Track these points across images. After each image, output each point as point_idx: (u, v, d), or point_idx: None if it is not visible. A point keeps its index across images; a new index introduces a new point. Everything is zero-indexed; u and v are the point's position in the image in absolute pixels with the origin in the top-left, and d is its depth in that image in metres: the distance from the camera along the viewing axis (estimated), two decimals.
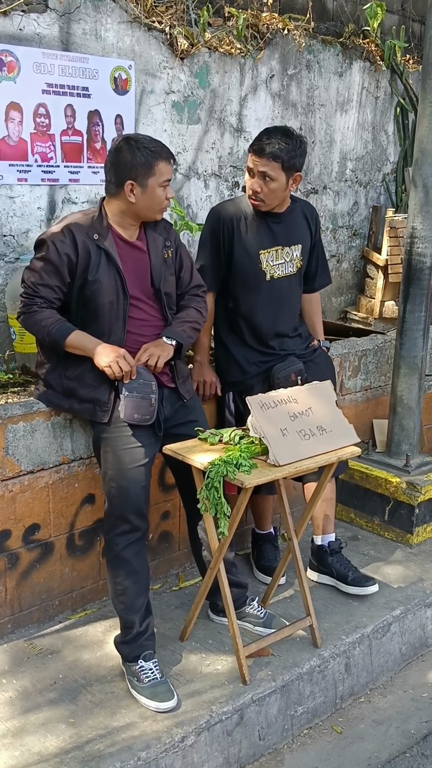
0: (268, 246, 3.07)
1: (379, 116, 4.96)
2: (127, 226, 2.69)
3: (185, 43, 3.72)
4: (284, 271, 3.11)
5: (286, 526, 2.91)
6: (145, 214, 2.66)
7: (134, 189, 2.58)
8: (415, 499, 3.71)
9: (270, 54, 4.19)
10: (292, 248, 3.11)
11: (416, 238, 3.71)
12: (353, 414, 4.04)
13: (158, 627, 2.96)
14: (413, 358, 3.81)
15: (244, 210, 3.08)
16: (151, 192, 2.59)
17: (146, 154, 2.56)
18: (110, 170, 2.61)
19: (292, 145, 2.90)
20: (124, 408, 2.59)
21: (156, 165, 2.57)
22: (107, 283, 2.61)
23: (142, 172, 2.56)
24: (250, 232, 3.05)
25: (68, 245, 2.58)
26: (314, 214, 3.25)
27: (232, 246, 3.05)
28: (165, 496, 3.26)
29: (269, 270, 3.08)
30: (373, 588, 3.20)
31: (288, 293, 3.16)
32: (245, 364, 3.16)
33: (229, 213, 3.09)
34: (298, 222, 3.15)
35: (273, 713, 2.68)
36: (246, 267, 3.06)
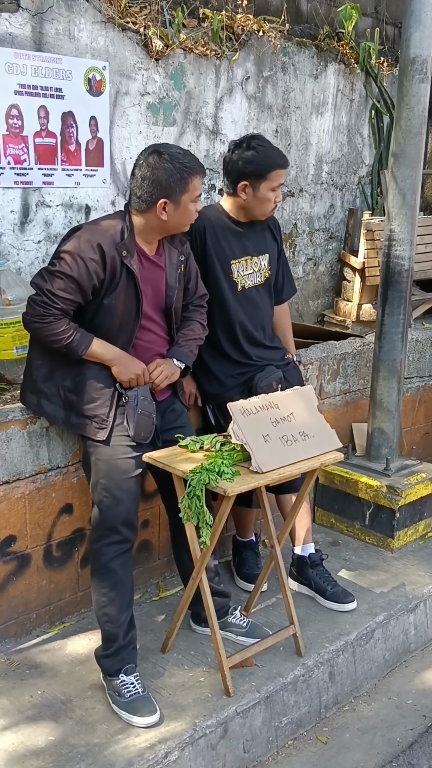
0: (239, 256, 3.04)
1: (354, 119, 4.95)
2: (151, 240, 2.62)
3: (160, 44, 3.67)
4: (254, 281, 3.09)
5: (268, 534, 2.87)
6: (174, 230, 2.61)
7: (167, 207, 2.49)
8: (395, 502, 3.69)
9: (245, 56, 4.15)
10: (260, 258, 3.09)
11: (394, 241, 3.70)
12: (332, 418, 4.01)
13: (139, 639, 2.89)
14: (392, 361, 3.79)
15: (213, 219, 3.04)
16: (183, 209, 2.52)
17: (181, 172, 2.47)
18: (141, 186, 2.49)
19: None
20: (134, 426, 2.54)
21: (191, 182, 2.50)
22: (124, 302, 2.54)
23: (176, 189, 2.47)
24: (221, 241, 3.03)
25: (99, 264, 2.47)
26: (277, 224, 3.22)
27: (205, 255, 3.01)
28: (145, 505, 3.20)
29: (240, 280, 3.05)
30: (350, 605, 3.16)
31: (260, 303, 3.12)
32: (223, 377, 3.12)
33: (200, 222, 3.04)
34: (263, 232, 3.13)
35: (257, 725, 2.63)
36: (218, 277, 3.03)
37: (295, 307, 4.79)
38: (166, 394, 2.76)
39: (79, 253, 2.45)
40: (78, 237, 2.49)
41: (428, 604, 3.37)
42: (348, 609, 3.15)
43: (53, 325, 2.47)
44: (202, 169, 2.55)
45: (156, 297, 2.65)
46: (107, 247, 2.47)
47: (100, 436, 2.56)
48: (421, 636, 3.32)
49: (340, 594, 3.19)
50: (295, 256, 4.77)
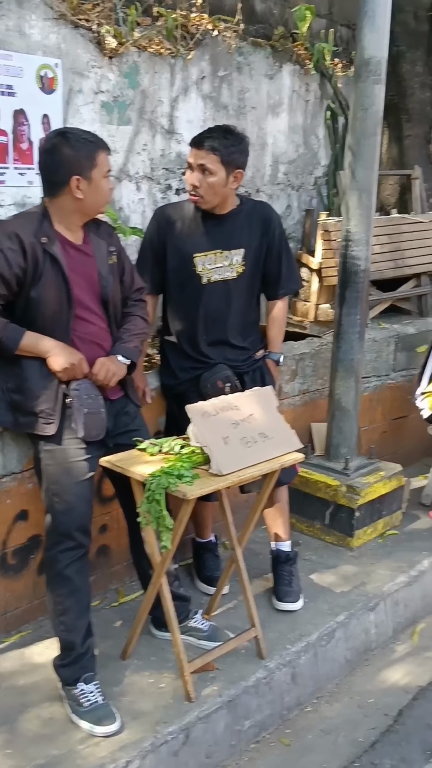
0: (206, 249, 3.00)
1: (310, 120, 4.96)
2: (73, 228, 2.56)
3: (113, 42, 3.62)
4: (222, 275, 3.04)
5: (228, 535, 2.85)
6: (92, 210, 2.55)
7: (80, 184, 2.45)
8: (354, 502, 3.71)
9: (200, 55, 4.13)
10: (232, 252, 3.03)
11: (351, 242, 3.71)
12: (292, 418, 4.00)
13: (98, 645, 2.84)
14: (350, 361, 3.80)
15: (185, 212, 3.02)
16: (96, 185, 2.48)
17: (88, 146, 2.45)
18: (50, 169, 2.46)
19: (232, 140, 2.88)
20: (83, 426, 2.47)
21: (98, 156, 2.47)
22: (52, 292, 2.47)
23: (86, 165, 2.44)
24: (186, 234, 2.99)
25: (18, 253, 2.40)
26: (268, 214, 3.12)
27: (166, 248, 2.99)
28: (103, 509, 3.15)
29: (206, 273, 3.00)
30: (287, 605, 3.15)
31: (229, 299, 3.07)
32: (177, 369, 3.10)
33: (167, 214, 3.03)
34: (242, 225, 3.05)
35: (220, 730, 2.61)
36: (178, 269, 3.00)
37: None
38: (117, 394, 2.71)
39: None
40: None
41: (388, 602, 3.39)
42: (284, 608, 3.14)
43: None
44: (106, 145, 2.53)
45: (90, 286, 2.58)
46: (25, 235, 2.42)
47: (49, 430, 2.49)
48: (382, 634, 3.34)
49: (281, 592, 3.18)
50: None
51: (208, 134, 2.90)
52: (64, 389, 2.51)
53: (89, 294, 2.60)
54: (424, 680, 3.11)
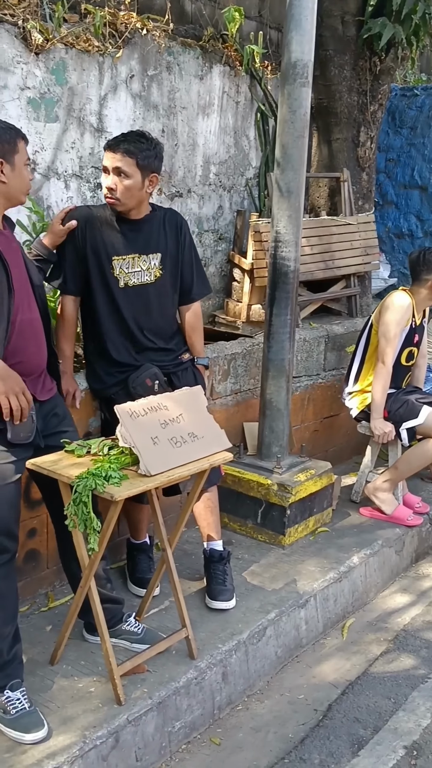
0: (124, 253, 3.00)
1: (241, 121, 5.00)
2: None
3: (40, 38, 3.57)
4: (140, 279, 3.04)
5: (159, 536, 2.84)
6: (15, 196, 2.52)
7: (4, 168, 2.43)
8: (286, 500, 3.74)
9: (129, 54, 4.11)
10: (149, 257, 3.04)
11: (280, 242, 3.74)
12: (224, 418, 4.02)
13: (27, 652, 2.80)
14: (281, 361, 3.84)
15: (102, 215, 3.02)
16: (19, 171, 2.47)
17: (8, 132, 2.45)
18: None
19: (147, 144, 2.91)
20: (11, 429, 2.41)
21: (18, 142, 2.47)
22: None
23: (8, 148, 2.43)
24: (105, 237, 2.99)
25: None
26: (179, 221, 3.16)
27: (85, 251, 2.97)
28: (31, 513, 3.10)
29: (123, 277, 3.00)
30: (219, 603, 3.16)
31: (148, 303, 3.07)
32: (103, 374, 3.09)
33: (85, 216, 3.01)
34: (158, 230, 3.08)
35: (150, 732, 2.59)
36: (98, 272, 2.99)
37: None
38: (48, 395, 2.67)
39: None
40: None
41: (318, 598, 3.44)
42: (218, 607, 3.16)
43: None
44: (24, 135, 2.54)
45: (20, 272, 2.54)
46: None
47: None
48: (312, 630, 3.38)
49: (214, 591, 3.19)
50: None
51: (123, 138, 2.91)
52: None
53: (22, 278, 2.55)
54: (353, 675, 3.17)
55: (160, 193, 4.48)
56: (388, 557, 3.95)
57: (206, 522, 3.28)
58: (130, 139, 2.89)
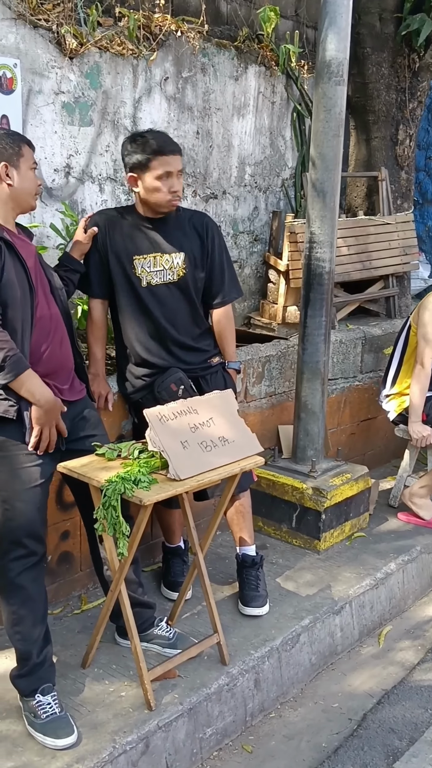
0: (145, 252, 2.99)
1: (276, 121, 4.95)
2: (10, 220, 2.54)
3: (74, 43, 3.58)
4: (163, 278, 3.02)
5: (191, 540, 2.82)
6: (24, 200, 2.54)
7: (9, 171, 2.47)
8: (321, 504, 3.69)
9: (163, 56, 4.10)
10: (172, 255, 3.02)
11: (315, 243, 3.69)
12: (258, 420, 3.99)
13: (59, 654, 2.81)
14: (315, 363, 3.79)
15: (123, 216, 3.03)
16: (24, 175, 2.51)
17: (12, 137, 2.52)
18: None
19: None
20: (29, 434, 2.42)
21: (23, 147, 2.52)
22: (14, 275, 2.43)
23: (12, 152, 2.47)
24: (126, 237, 2.99)
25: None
26: (206, 223, 3.12)
27: (107, 251, 2.99)
28: (64, 515, 3.11)
29: (145, 276, 2.99)
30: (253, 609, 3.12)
31: (172, 301, 3.05)
32: (130, 377, 3.09)
33: (105, 219, 3.02)
34: (182, 229, 3.06)
35: (180, 738, 2.57)
36: (121, 272, 2.99)
37: None
38: (78, 396, 2.67)
39: None
40: None
41: (354, 605, 3.38)
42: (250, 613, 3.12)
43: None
44: (29, 141, 2.58)
45: (39, 272, 2.59)
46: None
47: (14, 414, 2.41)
48: (347, 638, 3.32)
49: (247, 597, 3.16)
50: None
51: (169, 139, 2.95)
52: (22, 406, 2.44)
53: (41, 279, 2.59)
54: (389, 684, 3.11)
55: (194, 194, 4.47)
56: (427, 564, 3.87)
57: (238, 527, 3.25)
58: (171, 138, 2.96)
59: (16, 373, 2.34)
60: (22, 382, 2.36)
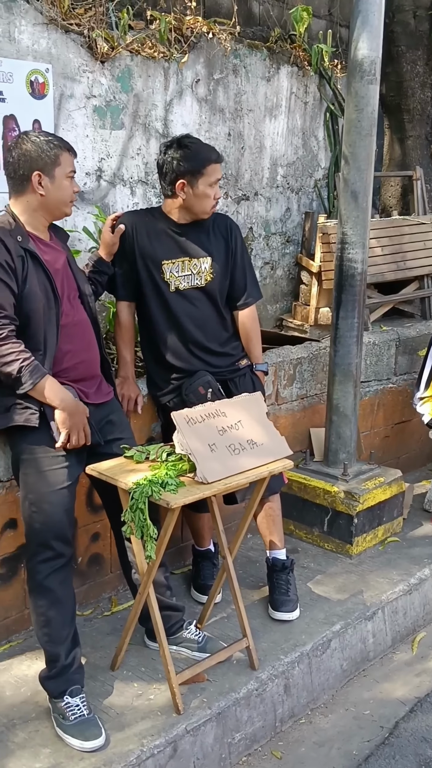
0: (173, 257, 2.98)
1: (309, 122, 4.92)
2: (40, 227, 2.55)
3: (105, 46, 3.60)
4: (191, 282, 3.01)
5: (220, 544, 2.80)
6: (56, 208, 2.54)
7: (42, 180, 2.45)
8: (353, 508, 3.65)
9: (195, 58, 4.10)
10: (200, 260, 3.00)
11: (347, 244, 3.65)
12: (290, 423, 3.96)
13: (88, 656, 2.82)
14: (347, 365, 3.75)
15: (150, 220, 3.01)
16: (59, 184, 2.48)
17: (50, 145, 2.47)
18: (13, 166, 2.45)
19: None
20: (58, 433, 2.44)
21: (61, 155, 2.48)
22: (38, 286, 2.45)
23: (48, 162, 2.45)
24: (153, 242, 2.97)
25: (4, 252, 2.38)
26: (229, 225, 3.11)
27: (134, 256, 2.98)
28: (94, 517, 3.12)
29: (173, 281, 2.98)
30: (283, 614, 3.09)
31: (200, 306, 3.04)
32: (158, 380, 3.08)
33: (132, 221, 3.01)
34: (207, 234, 3.04)
35: (209, 742, 2.56)
36: (149, 277, 2.98)
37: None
38: (104, 398, 2.67)
39: None
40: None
41: (386, 611, 3.33)
42: (280, 618, 3.09)
43: (7, 344, 2.34)
44: (70, 147, 2.55)
45: (68, 279, 2.59)
46: (2, 234, 2.40)
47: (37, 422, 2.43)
48: (380, 644, 3.27)
49: (277, 601, 3.13)
50: (252, 260, 4.72)
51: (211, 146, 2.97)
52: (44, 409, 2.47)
53: (68, 286, 2.60)
54: (422, 691, 3.05)
55: (226, 196, 4.46)
56: None
57: (268, 530, 3.22)
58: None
59: (33, 382, 2.37)
60: (42, 389, 2.39)
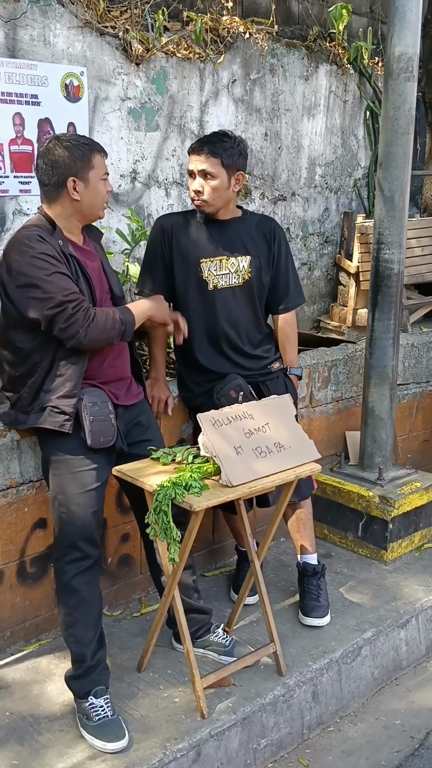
0: (211, 255, 2.95)
1: (349, 120, 4.86)
2: (75, 231, 2.55)
3: (140, 48, 3.60)
4: (229, 281, 2.98)
5: (247, 548, 2.78)
6: (90, 212, 2.54)
7: (77, 185, 2.45)
8: (388, 513, 3.58)
9: (231, 58, 4.08)
10: (238, 259, 2.97)
11: (383, 244, 3.59)
12: (324, 426, 3.91)
13: (116, 657, 2.83)
14: (383, 367, 3.68)
15: (189, 219, 2.99)
16: (93, 187, 2.48)
17: (82, 148, 2.46)
18: (46, 172, 2.45)
19: (230, 143, 2.84)
20: (90, 434, 2.45)
21: (93, 158, 2.48)
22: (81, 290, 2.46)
23: (82, 166, 2.44)
24: (192, 240, 2.95)
25: (55, 249, 2.41)
26: (273, 228, 3.06)
27: (172, 254, 2.95)
28: (124, 518, 3.12)
29: (212, 279, 2.95)
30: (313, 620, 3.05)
31: (236, 305, 3.01)
32: (190, 382, 3.06)
33: (171, 221, 3.01)
34: (248, 233, 3.00)
35: (233, 747, 2.53)
36: (187, 276, 2.96)
37: None
38: (134, 399, 2.67)
39: (38, 252, 2.36)
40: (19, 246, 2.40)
41: (421, 618, 3.25)
42: (310, 623, 3.05)
43: (98, 317, 2.40)
44: (102, 148, 2.54)
45: (101, 283, 2.60)
46: (49, 239, 2.42)
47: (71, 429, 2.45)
48: (413, 653, 3.21)
49: (307, 607, 3.09)
50: None
51: (206, 140, 2.87)
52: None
53: (101, 292, 2.61)
54: None
55: (263, 197, 4.43)
56: None
57: (299, 534, 3.19)
58: (213, 140, 2.84)
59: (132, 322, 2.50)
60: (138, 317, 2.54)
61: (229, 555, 3.56)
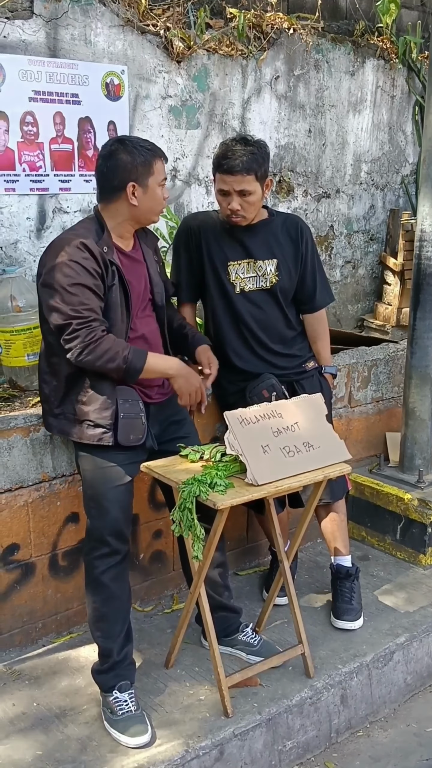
0: (239, 258, 2.92)
1: (396, 116, 4.77)
2: (126, 235, 2.54)
3: (181, 46, 3.61)
4: (256, 284, 2.94)
5: (276, 548, 2.76)
6: (146, 217, 2.53)
7: (136, 191, 2.43)
8: (427, 517, 3.50)
9: (274, 55, 4.05)
10: (265, 262, 2.93)
11: (425, 242, 3.52)
12: (364, 426, 3.85)
13: (145, 652, 2.84)
14: (425, 367, 3.61)
15: (216, 221, 2.95)
16: (152, 193, 2.46)
17: (144, 154, 2.43)
18: (107, 174, 2.44)
19: (258, 153, 2.76)
20: (121, 431, 2.46)
21: (154, 164, 2.45)
22: (115, 299, 2.46)
23: (143, 171, 2.42)
24: (219, 243, 2.92)
25: (92, 261, 2.38)
26: (300, 227, 3.01)
27: (201, 256, 2.93)
28: (156, 514, 3.14)
29: (239, 282, 2.93)
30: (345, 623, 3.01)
31: (265, 309, 2.97)
32: (224, 381, 3.02)
33: (198, 223, 2.97)
34: (275, 236, 2.95)
35: (258, 748, 2.52)
36: (214, 278, 2.94)
37: (333, 311, 4.65)
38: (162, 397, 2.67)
39: (70, 259, 2.36)
40: (59, 248, 2.40)
41: None
42: (342, 626, 3.01)
43: (103, 343, 2.35)
44: (163, 153, 2.51)
45: (141, 293, 2.58)
46: (90, 244, 2.40)
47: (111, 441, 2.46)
48: None
49: (340, 609, 3.05)
50: (332, 258, 4.63)
51: (233, 156, 2.74)
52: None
53: (143, 298, 2.59)
54: None
55: (305, 194, 4.39)
56: None
57: (332, 536, 3.14)
58: (241, 154, 2.72)
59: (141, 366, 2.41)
60: (151, 368, 2.45)
61: (263, 554, 3.54)
